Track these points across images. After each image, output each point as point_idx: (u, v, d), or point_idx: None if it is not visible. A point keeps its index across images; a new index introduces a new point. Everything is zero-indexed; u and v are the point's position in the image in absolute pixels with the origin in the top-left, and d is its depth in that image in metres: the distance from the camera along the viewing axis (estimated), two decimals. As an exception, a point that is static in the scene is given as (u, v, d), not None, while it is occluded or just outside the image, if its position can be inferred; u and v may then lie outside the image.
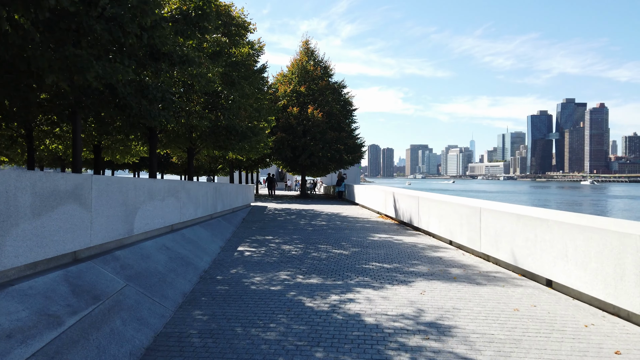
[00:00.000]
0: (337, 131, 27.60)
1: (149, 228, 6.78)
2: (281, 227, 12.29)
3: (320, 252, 8.43)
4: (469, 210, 8.18)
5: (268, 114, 18.75)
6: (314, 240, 9.98)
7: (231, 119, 12.96)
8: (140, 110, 7.60)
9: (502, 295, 5.56)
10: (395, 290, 5.75)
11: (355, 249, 8.84)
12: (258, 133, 15.08)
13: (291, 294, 5.56)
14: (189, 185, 9.05)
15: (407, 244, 9.39)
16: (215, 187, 11.67)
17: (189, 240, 8.05)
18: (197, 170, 44.13)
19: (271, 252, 8.42)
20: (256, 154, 19.73)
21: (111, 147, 18.77)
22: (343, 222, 13.79)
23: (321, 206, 20.89)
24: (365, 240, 10.00)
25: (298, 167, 29.22)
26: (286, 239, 10.07)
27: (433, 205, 10.15)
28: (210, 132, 12.91)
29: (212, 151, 18.57)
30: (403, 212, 12.67)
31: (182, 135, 13.50)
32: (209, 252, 8.08)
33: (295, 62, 28.70)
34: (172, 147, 17.52)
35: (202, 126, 11.40)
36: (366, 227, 12.34)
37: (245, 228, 12.12)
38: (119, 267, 5.16)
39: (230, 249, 8.85)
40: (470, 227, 8.17)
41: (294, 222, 13.75)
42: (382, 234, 10.95)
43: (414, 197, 11.56)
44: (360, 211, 18.06)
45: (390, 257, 7.93)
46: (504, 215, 6.94)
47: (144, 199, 6.50)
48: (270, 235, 10.67)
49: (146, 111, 7.72)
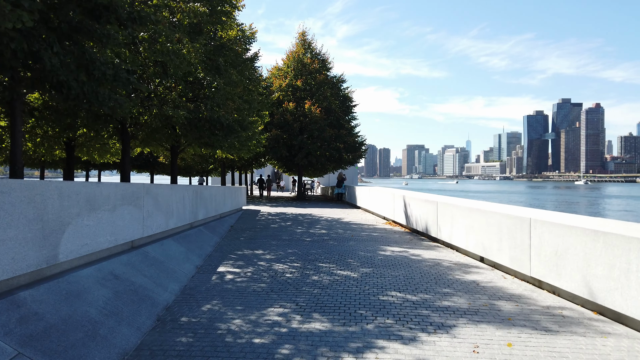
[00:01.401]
0: (336, 128, 25.76)
1: (89, 250, 4.95)
2: (274, 237, 10.48)
3: (322, 274, 6.63)
4: (514, 222, 6.41)
5: (261, 108, 16.91)
6: (313, 255, 8.18)
7: (215, 111, 11.10)
8: (84, 92, 5.78)
9: (593, 353, 3.78)
10: (435, 345, 3.96)
11: (365, 268, 7.04)
12: (247, 127, 13.21)
13: (283, 353, 3.77)
14: (157, 189, 7.22)
15: (429, 262, 7.61)
16: (195, 191, 9.85)
17: (153, 262, 6.22)
18: (189, 171, 42.19)
19: (260, 275, 6.61)
20: (248, 152, 17.89)
21: (86, 145, 16.88)
22: (346, 229, 11.99)
23: (320, 210, 19.08)
24: (376, 255, 8.20)
25: (294, 167, 27.38)
26: (279, 254, 8.26)
27: (458, 212, 8.37)
28: (190, 125, 11.07)
29: (199, 149, 16.72)
30: (417, 219, 10.89)
31: (159, 129, 11.69)
32: (179, 277, 6.26)
33: (291, 54, 26.77)
34: (153, 144, 15.66)
35: (178, 117, 9.58)
36: (374, 237, 10.55)
37: (232, 239, 10.30)
38: (15, 320, 3.34)
39: (209, 269, 7.03)
40: (513, 243, 6.40)
41: (290, 230, 11.94)
42: (395, 247, 9.17)
43: (432, 202, 9.78)
44: (363, 216, 16.27)
45: (412, 283, 6.14)
46: (570, 231, 5.16)
47: (79, 210, 4.68)
48: (261, 249, 8.86)
49: (92, 93, 5.90)
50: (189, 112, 10.31)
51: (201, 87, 11.15)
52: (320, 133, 24.60)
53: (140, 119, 9.78)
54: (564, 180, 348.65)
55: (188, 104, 10.44)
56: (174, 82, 10.42)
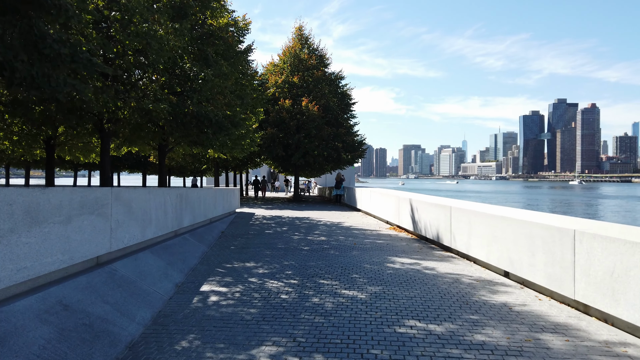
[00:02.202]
0: (334, 127, 24.71)
1: (29, 275, 3.91)
2: (268, 246, 9.44)
3: (324, 295, 5.61)
4: (551, 233, 5.41)
5: (255, 104, 15.83)
6: (312, 269, 7.16)
7: (203, 105, 10.02)
8: (32, 75, 4.73)
9: None
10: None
11: (374, 287, 6.03)
12: (239, 124, 12.12)
13: None
14: (130, 193, 6.17)
15: (446, 277, 6.60)
16: (180, 195, 8.80)
17: (121, 282, 5.18)
18: (182, 171, 41.04)
19: (250, 296, 5.59)
20: (242, 152, 16.82)
21: (68, 144, 15.78)
22: (347, 236, 10.97)
23: (318, 213, 18.05)
24: (384, 269, 7.19)
25: (291, 167, 26.32)
26: (274, 268, 7.23)
27: (477, 219, 7.37)
28: (175, 120, 10.00)
29: (189, 148, 15.65)
30: (425, 225, 9.89)
31: (143, 126, 10.63)
32: (153, 300, 5.22)
33: (287, 49, 25.65)
34: (139, 143, 14.58)
35: (159, 112, 8.54)
36: (379, 246, 9.54)
37: (222, 248, 9.26)
38: None
39: (191, 288, 5.99)
40: (551, 259, 5.40)
41: (286, 236, 10.91)
42: (404, 258, 8.15)
43: (444, 206, 8.78)
44: (364, 220, 15.26)
45: (433, 307, 5.13)
46: (635, 249, 4.16)
47: (12, 225, 3.63)
48: (253, 261, 7.82)
49: (41, 77, 4.84)
50: (172, 106, 9.23)
51: (187, 79, 10.07)
52: (318, 132, 23.55)
53: (119, 114, 8.73)
54: (560, 180, 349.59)
55: (171, 96, 9.36)
56: (157, 73, 9.35)
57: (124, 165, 34.55)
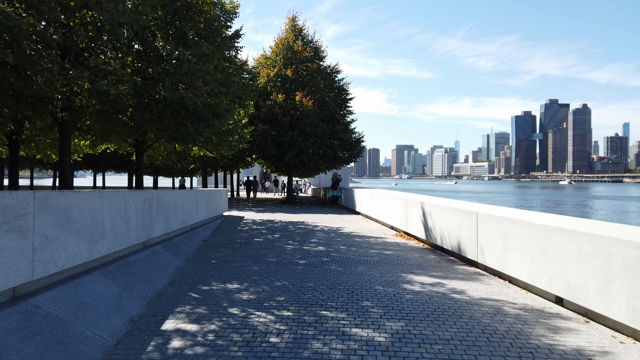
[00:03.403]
0: (330, 123, 23.17)
1: None
2: (257, 259, 7.93)
3: (328, 337, 4.12)
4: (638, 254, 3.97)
5: (244, 96, 14.22)
6: (311, 293, 5.67)
7: (179, 91, 8.44)
8: None
9: None
10: None
11: (393, 322, 4.55)
12: (222, 115, 10.51)
13: None
14: (66, 199, 4.63)
15: (483, 305, 5.14)
16: (148, 198, 7.26)
17: (43, 326, 3.66)
18: (171, 171, 39.25)
19: (228, 339, 4.09)
20: (229, 149, 15.24)
21: (34, 140, 14.14)
22: (349, 245, 9.49)
23: (313, 216, 16.55)
24: (401, 292, 5.71)
25: (284, 167, 24.77)
26: (262, 291, 5.73)
27: (516, 229, 5.92)
28: (146, 110, 8.41)
29: (170, 145, 14.07)
30: (442, 233, 8.44)
31: (111, 118, 9.05)
32: (87, 352, 3.69)
33: (280, 41, 24.04)
34: (114, 139, 12.99)
35: (121, 97, 6.98)
36: (388, 258, 8.06)
37: (201, 261, 7.73)
38: None
39: (149, 326, 4.47)
40: (638, 288, 3.96)
41: (278, 246, 9.40)
42: (422, 275, 6.69)
43: (468, 212, 7.32)
44: (366, 225, 13.79)
45: (482, 358, 3.66)
46: None
47: None
48: (236, 281, 6.31)
49: None
50: (138, 90, 7.66)
51: (160, 59, 8.49)
52: (313, 128, 22.01)
53: (76, 101, 7.18)
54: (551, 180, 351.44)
55: (135, 77, 7.76)
56: (120, 51, 7.79)
57: (107, 165, 32.73)
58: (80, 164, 31.45)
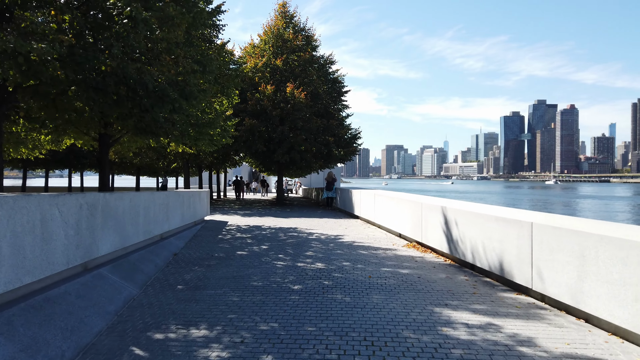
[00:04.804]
0: (324, 118, 21.32)
1: None
2: (237, 285, 6.06)
3: None
4: None
5: (228, 83, 12.29)
6: (312, 346, 3.84)
7: (133, 62, 6.52)
8: None
9: None
10: None
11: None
12: (192, 95, 8.57)
13: None
14: None
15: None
16: (89, 204, 5.35)
17: None
18: (155, 171, 36.97)
19: None
20: (210, 144, 13.32)
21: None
22: (354, 261, 7.66)
23: (307, 221, 14.69)
24: (444, 344, 3.91)
25: (273, 165, 22.85)
26: (240, 344, 3.89)
27: (602, 248, 4.15)
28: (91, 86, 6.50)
29: (142, 140, 12.10)
30: (474, 247, 6.66)
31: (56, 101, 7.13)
32: None
33: (269, 28, 22.10)
34: (73, 132, 11.01)
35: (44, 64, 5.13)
36: (407, 280, 6.25)
37: (162, 288, 5.85)
38: None
39: None
40: None
41: (266, 262, 7.55)
42: (461, 310, 4.89)
43: (517, 222, 5.54)
44: (368, 232, 11.97)
45: None
46: None
47: None
48: (204, 324, 4.44)
49: None
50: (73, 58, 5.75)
51: (108, 19, 6.54)
52: (306, 123, 20.13)
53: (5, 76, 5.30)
54: (539, 180, 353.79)
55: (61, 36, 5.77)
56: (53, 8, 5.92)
57: (83, 164, 30.37)
58: (49, 162, 29.07)
